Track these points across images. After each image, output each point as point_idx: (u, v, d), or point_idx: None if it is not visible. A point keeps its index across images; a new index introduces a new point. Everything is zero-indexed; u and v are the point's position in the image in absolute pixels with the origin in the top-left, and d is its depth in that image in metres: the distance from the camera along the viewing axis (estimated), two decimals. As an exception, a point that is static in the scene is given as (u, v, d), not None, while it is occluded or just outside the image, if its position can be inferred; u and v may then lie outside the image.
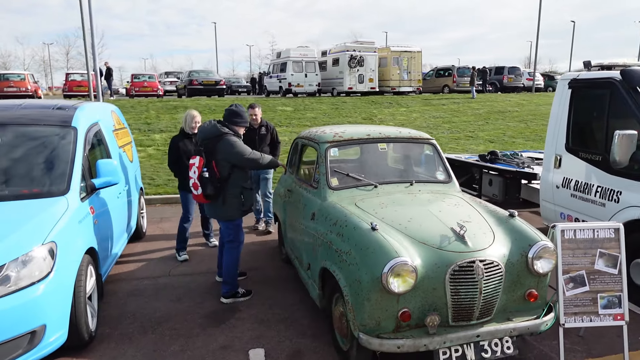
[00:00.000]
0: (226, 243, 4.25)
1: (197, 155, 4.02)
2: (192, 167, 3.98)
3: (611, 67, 4.83)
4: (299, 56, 22.47)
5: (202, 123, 4.26)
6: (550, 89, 27.77)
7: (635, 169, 4.08)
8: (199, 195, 4.04)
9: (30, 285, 2.90)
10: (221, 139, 3.98)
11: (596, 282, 3.21)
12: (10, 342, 2.79)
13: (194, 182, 3.98)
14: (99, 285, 3.84)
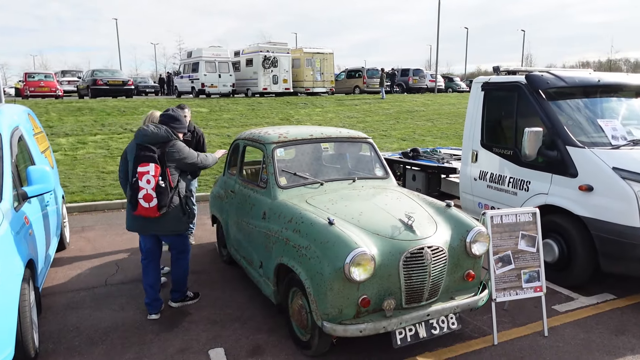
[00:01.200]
0: (176, 255, 4.04)
1: (148, 162, 3.63)
2: (142, 176, 3.60)
3: (516, 72, 5.50)
4: (212, 56, 22.05)
5: (144, 127, 3.86)
6: (450, 89, 30.12)
7: (541, 161, 4.72)
8: (151, 209, 3.63)
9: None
10: (171, 144, 3.81)
11: (519, 260, 3.70)
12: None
13: (147, 193, 3.59)
14: (37, 299, 3.60)
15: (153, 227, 3.81)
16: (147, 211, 3.64)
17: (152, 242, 3.95)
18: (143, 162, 3.65)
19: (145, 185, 3.60)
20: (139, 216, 3.72)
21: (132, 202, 3.67)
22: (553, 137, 4.59)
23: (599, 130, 4.63)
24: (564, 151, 4.51)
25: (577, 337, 3.66)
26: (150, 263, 3.96)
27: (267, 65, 21.92)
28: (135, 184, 3.63)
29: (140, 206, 3.63)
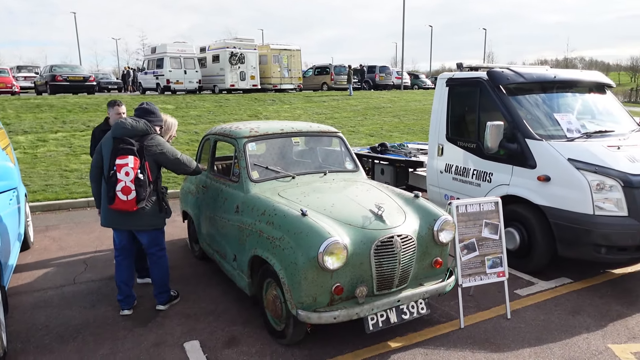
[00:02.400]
0: (154, 253, 3.96)
1: (127, 154, 3.56)
2: (121, 168, 3.53)
3: (478, 69, 5.72)
4: (177, 52, 21.67)
5: (121, 120, 3.77)
6: (416, 86, 30.67)
7: (502, 153, 4.94)
8: (129, 202, 3.55)
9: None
10: (150, 138, 3.76)
11: (483, 247, 3.88)
12: None
13: (125, 185, 3.51)
14: (4, 298, 3.52)
15: (130, 222, 3.76)
16: (124, 204, 3.57)
17: (127, 238, 3.91)
18: (122, 155, 3.58)
19: (123, 177, 3.53)
20: (115, 211, 3.66)
21: (109, 196, 3.59)
22: (513, 130, 4.82)
23: (556, 124, 4.89)
24: (523, 144, 4.74)
25: (537, 319, 3.88)
26: (124, 260, 3.92)
27: (234, 61, 21.73)
28: (113, 176, 3.55)
29: (118, 199, 3.55)
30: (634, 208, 4.21)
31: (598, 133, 4.88)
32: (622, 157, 4.45)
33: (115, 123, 3.78)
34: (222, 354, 3.37)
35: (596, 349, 3.43)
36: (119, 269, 3.91)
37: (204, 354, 3.38)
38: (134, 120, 3.77)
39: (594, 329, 3.71)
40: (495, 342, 3.53)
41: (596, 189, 4.26)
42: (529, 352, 3.39)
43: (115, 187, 3.55)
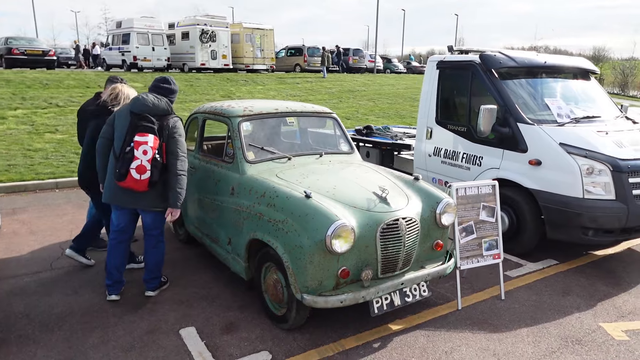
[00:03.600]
0: (154, 236, 3.76)
1: (148, 132, 3.41)
2: (139, 145, 3.36)
3: (468, 52, 5.70)
4: (144, 27, 20.80)
5: (142, 95, 3.56)
6: (389, 70, 30.71)
7: (492, 137, 4.96)
8: (141, 182, 3.38)
9: None
10: (174, 120, 3.58)
11: (481, 229, 3.90)
12: None
13: (141, 164, 3.34)
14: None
15: (137, 201, 3.55)
16: (136, 184, 3.39)
17: (128, 219, 3.71)
18: (142, 132, 3.41)
19: (140, 155, 3.36)
20: (123, 188, 3.46)
21: (120, 172, 3.38)
22: (505, 114, 4.83)
23: (546, 109, 4.94)
24: (515, 128, 4.77)
25: (529, 299, 3.95)
26: (120, 243, 3.71)
27: (205, 39, 21.06)
28: (129, 153, 3.37)
29: (130, 177, 3.36)
30: (620, 192, 4.32)
31: (586, 118, 4.96)
32: (610, 142, 4.54)
33: (135, 98, 3.57)
34: (221, 340, 3.26)
35: (589, 328, 3.52)
36: (113, 253, 3.70)
37: (201, 340, 3.25)
38: (156, 98, 3.58)
39: (585, 309, 3.81)
40: (492, 323, 3.56)
41: (586, 173, 4.34)
42: (527, 332, 3.44)
43: (129, 164, 3.36)
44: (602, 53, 57.64)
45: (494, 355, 3.16)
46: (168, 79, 3.81)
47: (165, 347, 3.17)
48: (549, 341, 3.34)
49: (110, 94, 4.01)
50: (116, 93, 4.00)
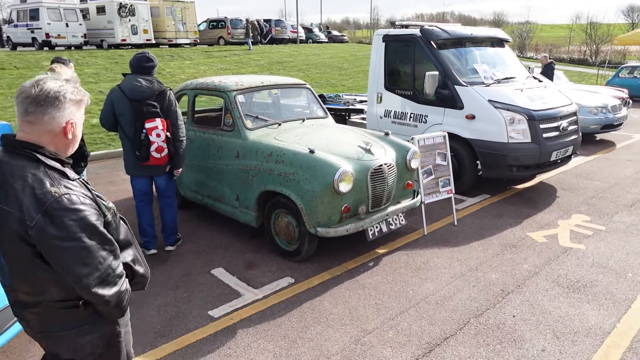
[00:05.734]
0: (169, 196, 4.30)
1: (155, 117, 3.87)
2: (152, 131, 3.84)
3: (408, 26, 6.65)
4: (55, 2, 19.50)
5: (136, 82, 3.86)
6: (310, 40, 31.27)
7: (434, 98, 5.99)
8: (162, 158, 3.94)
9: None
10: (168, 96, 4.00)
11: (437, 171, 4.93)
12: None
13: (158, 146, 3.87)
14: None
15: (154, 170, 4.12)
16: (158, 161, 3.98)
17: (148, 184, 4.23)
18: (149, 118, 3.87)
19: (155, 139, 3.87)
20: (143, 165, 3.99)
21: (142, 156, 3.89)
22: (444, 79, 5.87)
23: (475, 72, 6.06)
24: (453, 90, 5.83)
25: (474, 223, 5.10)
26: (147, 204, 4.25)
27: (123, 13, 20.21)
28: (145, 139, 3.86)
29: (153, 157, 3.93)
30: (534, 136, 5.57)
31: (505, 79, 6.15)
32: (525, 97, 5.76)
33: (130, 85, 3.90)
34: (248, 274, 4.00)
35: (520, 237, 4.72)
36: (143, 213, 4.23)
37: (232, 275, 3.98)
38: (146, 80, 3.95)
39: (515, 225, 5.03)
40: (451, 241, 4.65)
41: (509, 123, 5.52)
42: (477, 244, 4.57)
43: (149, 148, 3.88)
44: (501, 18, 62.31)
45: (457, 260, 4.24)
46: (149, 57, 4.12)
47: (205, 283, 3.86)
48: (493, 248, 4.49)
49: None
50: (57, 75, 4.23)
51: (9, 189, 1.45)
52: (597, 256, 4.30)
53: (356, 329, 3.22)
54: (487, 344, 3.05)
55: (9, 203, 1.44)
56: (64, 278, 1.50)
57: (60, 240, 1.43)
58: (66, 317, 1.60)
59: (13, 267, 1.52)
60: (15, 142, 1.51)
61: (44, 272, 1.50)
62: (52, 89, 1.50)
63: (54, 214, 1.42)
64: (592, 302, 3.53)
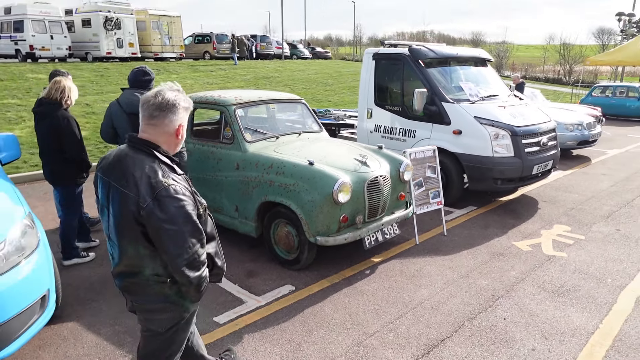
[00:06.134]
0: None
1: None
2: None
3: (397, 45, 6.95)
4: (40, 14, 19.43)
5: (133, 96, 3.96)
6: (295, 56, 31.69)
7: (422, 114, 6.26)
8: None
9: (32, 252, 2.97)
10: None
11: (428, 183, 5.16)
12: (30, 308, 2.86)
13: None
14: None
15: None
16: None
17: None
18: None
19: None
20: None
21: None
22: (432, 96, 6.15)
23: (461, 90, 6.36)
24: (440, 106, 6.11)
25: (463, 233, 5.33)
26: None
27: (109, 27, 20.25)
28: None
29: None
30: (517, 150, 5.87)
31: (489, 97, 6.47)
32: (507, 114, 6.08)
33: (128, 99, 4.04)
34: (249, 282, 4.13)
35: (506, 245, 4.97)
36: None
37: (234, 284, 4.10)
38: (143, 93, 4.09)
39: (501, 235, 5.28)
40: (442, 250, 4.86)
41: (494, 138, 5.81)
42: (466, 253, 4.79)
43: None
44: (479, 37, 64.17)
45: (449, 268, 4.44)
46: (146, 71, 4.23)
47: (207, 291, 3.96)
48: (482, 256, 4.71)
49: (55, 88, 4.10)
50: (62, 87, 4.14)
51: (130, 177, 1.82)
52: (578, 263, 4.56)
53: (358, 333, 3.37)
54: (481, 345, 3.24)
55: (129, 187, 1.80)
56: (160, 256, 1.85)
57: (163, 222, 1.77)
58: (155, 291, 1.95)
59: (124, 242, 1.89)
60: (139, 140, 1.91)
61: (146, 249, 1.86)
62: (170, 97, 1.90)
63: (161, 200, 1.78)
64: (575, 305, 3.76)
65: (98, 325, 3.43)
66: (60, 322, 3.44)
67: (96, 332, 3.34)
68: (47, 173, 4.29)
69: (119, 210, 1.85)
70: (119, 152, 1.95)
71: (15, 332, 2.73)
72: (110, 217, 1.90)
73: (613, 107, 16.51)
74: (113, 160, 1.93)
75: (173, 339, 2.13)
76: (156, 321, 2.05)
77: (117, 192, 1.85)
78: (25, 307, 2.81)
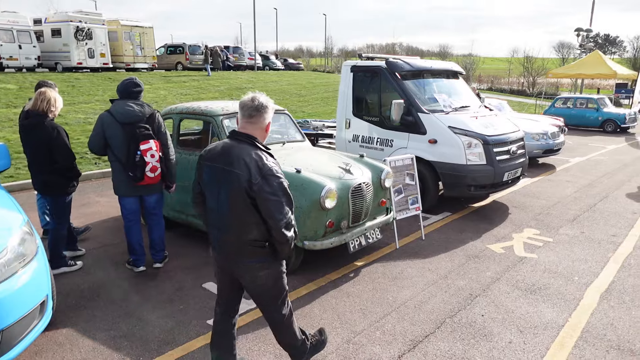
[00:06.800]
0: (156, 214, 4.48)
1: (148, 139, 4.09)
2: (147, 152, 4.05)
3: (374, 58, 7.24)
4: (7, 23, 19.00)
5: (126, 107, 4.08)
6: (267, 67, 31.90)
7: (399, 124, 6.54)
8: (155, 177, 4.17)
9: (32, 259, 3.02)
10: (157, 118, 4.23)
11: (407, 190, 5.41)
12: (30, 313, 2.91)
13: (153, 166, 4.09)
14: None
15: (145, 189, 4.29)
16: (152, 180, 4.18)
17: (137, 203, 4.38)
18: (144, 140, 4.08)
19: (150, 159, 4.09)
20: (137, 185, 4.17)
21: (136, 176, 4.07)
22: (409, 107, 6.45)
23: (435, 101, 6.68)
24: (416, 116, 6.41)
25: (440, 237, 5.59)
26: (136, 223, 4.39)
27: (80, 37, 19.96)
28: (140, 160, 4.06)
29: (147, 177, 4.13)
30: (489, 158, 6.20)
31: (462, 108, 6.82)
32: (479, 124, 6.42)
33: (122, 109, 4.09)
34: (238, 287, 4.24)
35: (481, 248, 5.25)
36: (132, 232, 4.38)
37: (224, 289, 4.20)
38: (137, 104, 4.17)
39: (475, 238, 5.57)
40: (421, 253, 5.10)
41: (467, 147, 6.14)
42: (444, 255, 5.04)
43: (144, 169, 4.08)
44: (446, 50, 66.02)
45: (429, 270, 4.68)
46: (137, 82, 4.31)
47: (199, 296, 4.07)
48: (459, 258, 4.98)
49: (41, 99, 4.17)
50: (48, 98, 4.22)
51: (240, 161, 2.38)
52: (547, 263, 4.88)
53: (346, 331, 3.54)
54: (462, 339, 3.46)
55: (240, 169, 2.37)
56: (263, 222, 2.40)
57: (270, 195, 2.35)
58: (254, 252, 2.49)
59: (234, 212, 2.42)
60: (242, 134, 2.49)
61: (252, 217, 2.41)
62: (264, 101, 2.51)
63: (267, 178, 2.37)
64: (546, 302, 4.05)
65: (93, 330, 3.48)
66: (55, 329, 3.47)
67: (92, 337, 3.40)
68: (38, 183, 4.31)
69: (231, 187, 2.39)
70: (224, 144, 2.51)
71: (17, 337, 2.78)
72: (221, 193, 2.43)
73: (574, 118, 17.39)
74: (221, 150, 2.48)
75: (278, 285, 2.66)
76: (260, 277, 2.55)
77: (229, 173, 2.40)
78: (26, 312, 2.87)
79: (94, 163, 9.23)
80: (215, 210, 2.50)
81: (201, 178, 2.56)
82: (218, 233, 2.53)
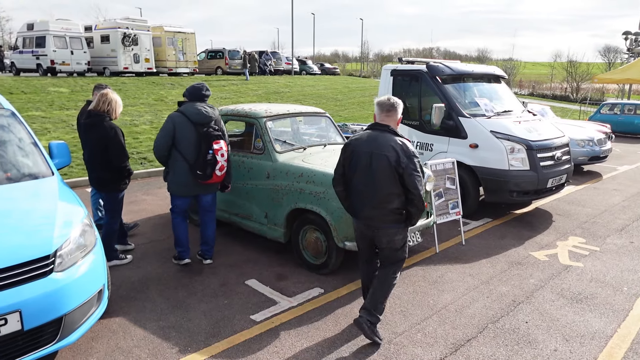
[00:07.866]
0: (212, 211, 4.71)
1: (220, 139, 4.35)
2: (218, 151, 4.31)
3: (414, 62, 7.23)
4: (61, 30, 20.03)
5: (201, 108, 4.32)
6: (304, 72, 32.22)
7: (439, 128, 6.50)
8: (222, 176, 4.43)
9: (91, 250, 3.21)
10: (220, 120, 4.52)
11: (447, 194, 5.38)
12: (89, 300, 3.09)
13: (222, 164, 4.35)
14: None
15: (204, 189, 4.52)
16: (218, 178, 4.45)
17: (189, 203, 4.64)
18: (216, 140, 4.33)
19: (220, 159, 4.34)
20: (204, 183, 4.39)
21: (206, 174, 4.30)
22: (449, 111, 6.41)
23: (477, 105, 6.61)
24: (457, 121, 6.36)
25: (481, 243, 5.52)
26: (184, 220, 4.62)
27: (127, 43, 20.82)
28: (212, 159, 4.30)
29: (215, 175, 4.36)
30: (532, 164, 6.08)
31: (504, 112, 6.72)
32: (523, 129, 6.31)
33: (195, 110, 4.31)
34: (279, 285, 4.34)
35: (523, 255, 5.16)
36: (181, 227, 4.62)
37: (265, 285, 4.31)
38: (209, 106, 4.45)
39: (517, 245, 5.47)
40: (462, 258, 5.06)
41: (509, 152, 6.04)
42: (485, 261, 4.98)
43: (214, 167, 4.32)
44: (485, 54, 64.72)
45: (470, 275, 4.64)
46: (207, 87, 4.61)
47: (242, 292, 4.19)
48: (500, 265, 4.90)
49: (102, 101, 4.45)
50: (110, 100, 4.51)
51: (388, 146, 3.14)
52: (594, 273, 4.74)
53: (387, 332, 3.57)
54: (505, 345, 3.42)
55: (389, 152, 3.12)
56: (404, 194, 3.17)
57: (413, 171, 3.11)
58: (394, 219, 3.25)
59: (383, 185, 3.16)
60: (383, 126, 3.27)
61: (396, 188, 3.16)
62: (396, 100, 3.34)
63: (411, 158, 3.13)
64: (594, 311, 3.94)
65: (144, 320, 3.65)
66: (109, 317, 3.66)
67: (142, 326, 3.57)
68: (94, 180, 4.57)
69: (382, 166, 3.13)
70: (369, 134, 3.27)
71: (77, 322, 2.96)
72: (372, 171, 3.17)
73: (622, 125, 16.72)
74: (368, 139, 3.24)
75: (404, 249, 3.42)
76: (395, 241, 3.31)
77: (380, 156, 3.13)
78: (86, 299, 3.05)
79: (140, 163, 9.59)
80: (362, 185, 3.23)
81: (348, 162, 3.31)
82: (362, 205, 3.27)
